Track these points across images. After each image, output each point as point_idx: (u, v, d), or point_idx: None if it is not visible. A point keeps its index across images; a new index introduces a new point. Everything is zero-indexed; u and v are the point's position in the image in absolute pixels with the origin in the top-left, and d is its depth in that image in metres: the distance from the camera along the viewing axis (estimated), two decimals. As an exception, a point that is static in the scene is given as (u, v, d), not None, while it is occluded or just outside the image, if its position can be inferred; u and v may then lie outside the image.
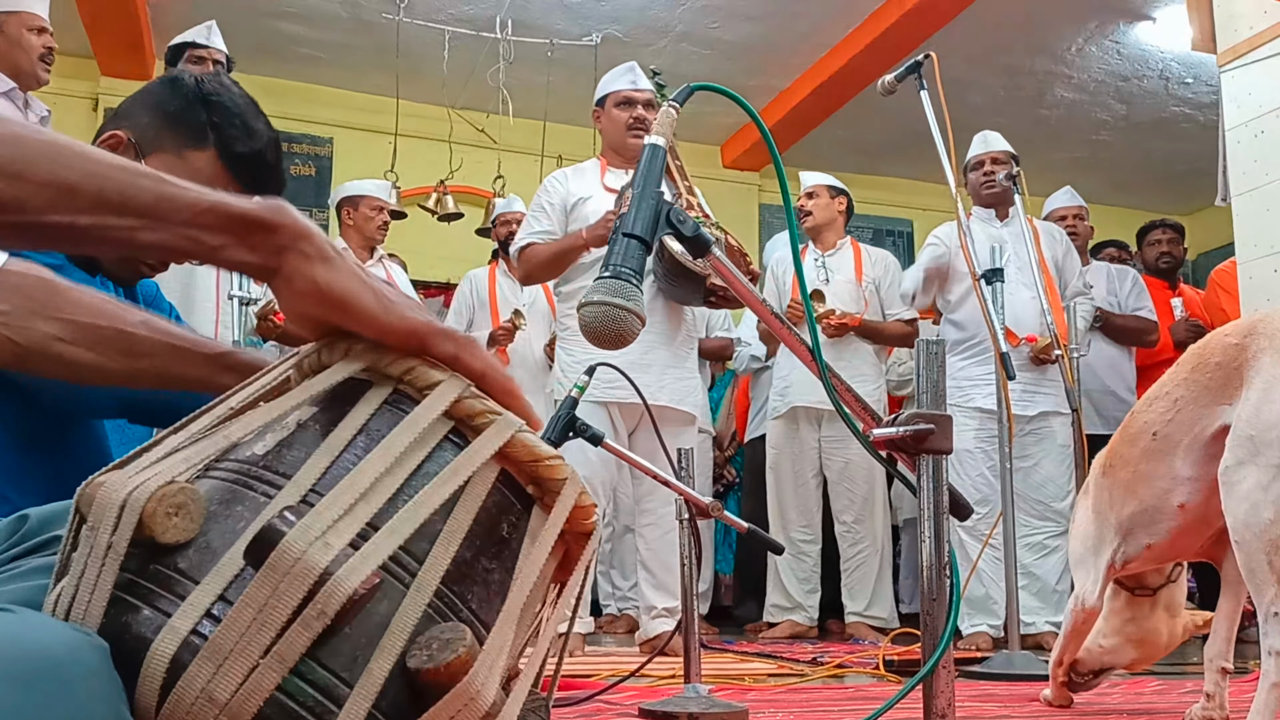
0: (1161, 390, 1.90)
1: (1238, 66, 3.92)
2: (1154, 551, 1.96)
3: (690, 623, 2.20)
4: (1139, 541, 1.96)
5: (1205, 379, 1.79)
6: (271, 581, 0.67)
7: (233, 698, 0.67)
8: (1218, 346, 1.79)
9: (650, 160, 1.22)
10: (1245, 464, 1.65)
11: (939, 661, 1.13)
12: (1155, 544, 1.94)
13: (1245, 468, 1.65)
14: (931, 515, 1.16)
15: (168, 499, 0.70)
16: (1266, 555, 1.61)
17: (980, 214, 4.57)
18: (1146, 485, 1.91)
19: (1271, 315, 1.75)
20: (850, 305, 4.85)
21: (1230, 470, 1.67)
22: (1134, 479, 1.94)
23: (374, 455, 0.75)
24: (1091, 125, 7.82)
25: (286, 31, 6.58)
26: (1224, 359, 1.76)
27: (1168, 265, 5.62)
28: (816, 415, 4.89)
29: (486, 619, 0.78)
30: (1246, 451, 1.65)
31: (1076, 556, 2.14)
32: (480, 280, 5.44)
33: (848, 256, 5.05)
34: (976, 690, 2.68)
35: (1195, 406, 1.81)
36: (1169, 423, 1.85)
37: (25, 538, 0.92)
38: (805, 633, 4.89)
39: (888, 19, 6.13)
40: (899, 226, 8.87)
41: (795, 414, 4.94)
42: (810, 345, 1.21)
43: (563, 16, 6.39)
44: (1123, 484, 1.97)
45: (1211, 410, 1.78)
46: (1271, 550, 1.61)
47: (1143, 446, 1.91)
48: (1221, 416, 1.76)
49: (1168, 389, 1.88)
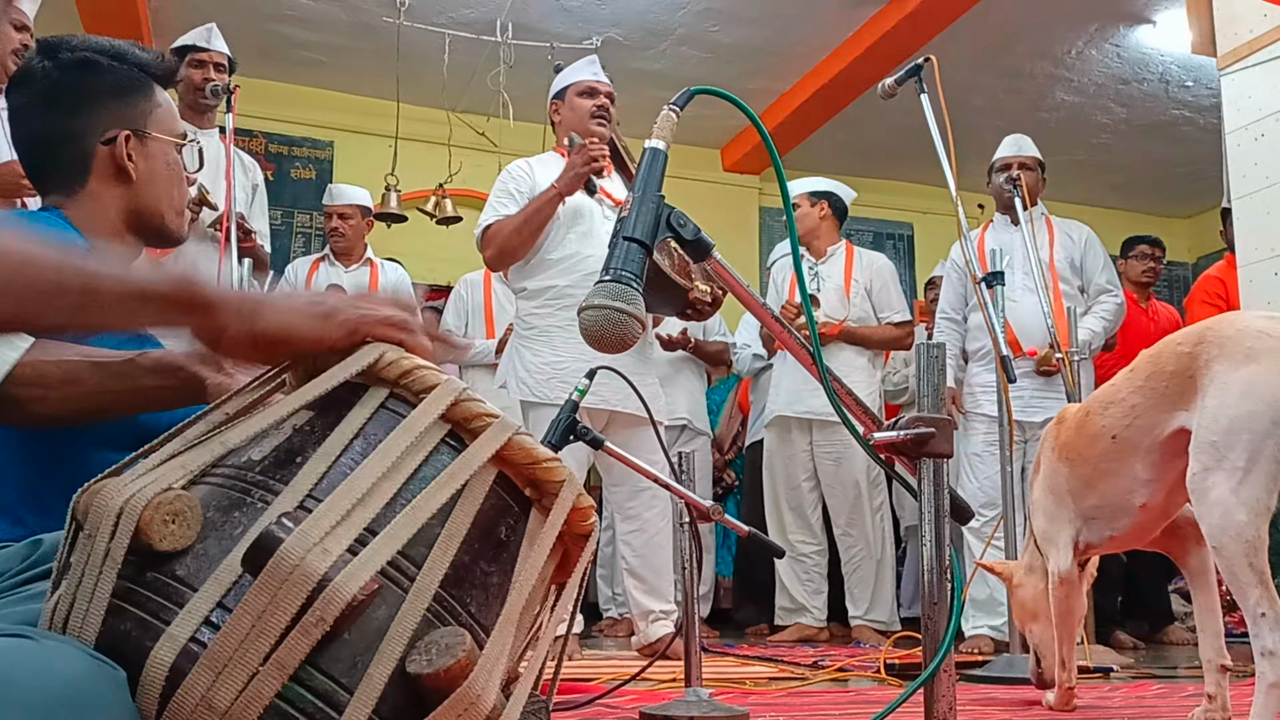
0: (1118, 395, 1.97)
1: (1238, 70, 3.92)
2: (1115, 541, 2.09)
3: (691, 626, 2.20)
4: (1101, 532, 2.07)
5: (1162, 386, 1.85)
6: (270, 588, 0.67)
7: (232, 705, 0.66)
8: (1171, 355, 1.84)
9: (651, 164, 1.22)
10: (1212, 470, 1.68)
11: (940, 666, 1.12)
12: (1117, 535, 2.06)
13: (1212, 474, 1.68)
14: (932, 519, 1.16)
15: (164, 506, 0.70)
16: (1246, 557, 1.63)
17: (998, 217, 4.58)
18: (1108, 484, 2.00)
19: (1219, 323, 1.80)
20: (839, 312, 4.86)
21: (1198, 478, 1.71)
22: (1095, 476, 2.02)
23: (371, 460, 0.75)
24: (1092, 128, 7.82)
25: (287, 35, 6.58)
26: (1178, 367, 1.82)
27: (1148, 280, 5.67)
28: (806, 424, 4.90)
29: (486, 623, 0.78)
30: (1211, 457, 1.69)
31: (1043, 533, 2.20)
32: (476, 285, 5.42)
33: (839, 263, 5.03)
34: (978, 694, 2.67)
35: (1153, 413, 1.88)
36: (1128, 427, 1.93)
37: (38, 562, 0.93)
38: (814, 635, 4.88)
39: (888, 22, 6.13)
40: (899, 230, 8.87)
41: (787, 423, 4.95)
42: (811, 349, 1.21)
43: (563, 20, 6.39)
44: (1083, 478, 2.06)
45: (1169, 416, 1.84)
46: (1250, 552, 1.63)
47: (1102, 448, 1.99)
48: (1178, 421, 1.82)
49: (1124, 395, 1.95)
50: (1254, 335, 1.71)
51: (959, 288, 4.58)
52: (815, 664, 3.33)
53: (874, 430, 1.20)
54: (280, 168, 7.23)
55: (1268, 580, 1.63)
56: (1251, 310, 1.90)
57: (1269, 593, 1.63)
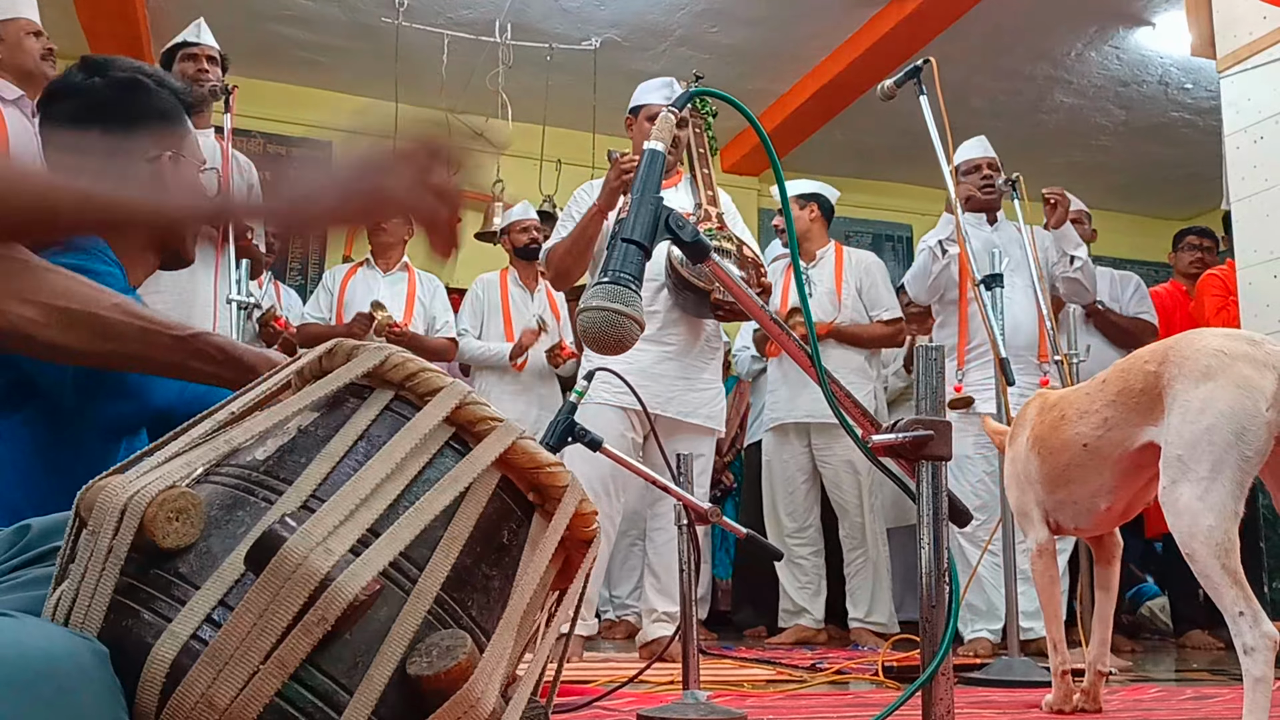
0: (1092, 406, 2.09)
1: (1237, 72, 3.92)
2: (1078, 531, 2.30)
3: (689, 628, 2.20)
4: (1066, 524, 2.25)
5: (1133, 402, 1.98)
6: (272, 587, 0.67)
7: (232, 703, 0.66)
8: (1139, 373, 1.97)
9: (649, 165, 1.22)
10: (1179, 482, 1.78)
11: (938, 668, 1.13)
12: (1080, 528, 2.26)
13: (1180, 485, 1.78)
14: (930, 521, 1.16)
15: (168, 504, 0.70)
16: (1218, 559, 1.71)
17: (970, 218, 4.54)
18: (1076, 486, 2.15)
19: (1180, 343, 1.91)
20: (831, 314, 4.86)
21: (1167, 491, 1.81)
22: (1063, 477, 2.17)
23: (375, 461, 0.75)
24: (1091, 130, 7.82)
25: (286, 35, 6.58)
26: (1145, 385, 1.94)
27: (1197, 271, 5.61)
28: (804, 427, 4.90)
29: (486, 626, 0.78)
30: (1177, 471, 1.79)
31: (1017, 505, 2.35)
32: (492, 287, 5.40)
33: (829, 264, 5.03)
34: (976, 697, 2.67)
35: (1124, 426, 2.01)
36: (1100, 438, 2.06)
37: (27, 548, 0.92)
38: (812, 638, 4.88)
39: (887, 24, 6.13)
40: (898, 231, 8.88)
41: (785, 427, 4.97)
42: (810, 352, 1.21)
43: (562, 21, 6.39)
44: (1051, 475, 2.20)
45: (1139, 430, 1.98)
46: (1221, 554, 1.71)
47: (1073, 454, 2.13)
48: (1147, 435, 1.96)
49: (1097, 406, 2.08)
50: (1210, 354, 1.83)
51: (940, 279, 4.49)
52: (813, 666, 3.33)
53: (872, 433, 1.20)
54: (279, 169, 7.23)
55: (1241, 580, 1.71)
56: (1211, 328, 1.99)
57: (1244, 591, 1.70)
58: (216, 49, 4.25)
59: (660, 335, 3.65)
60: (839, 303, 4.91)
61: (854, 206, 8.68)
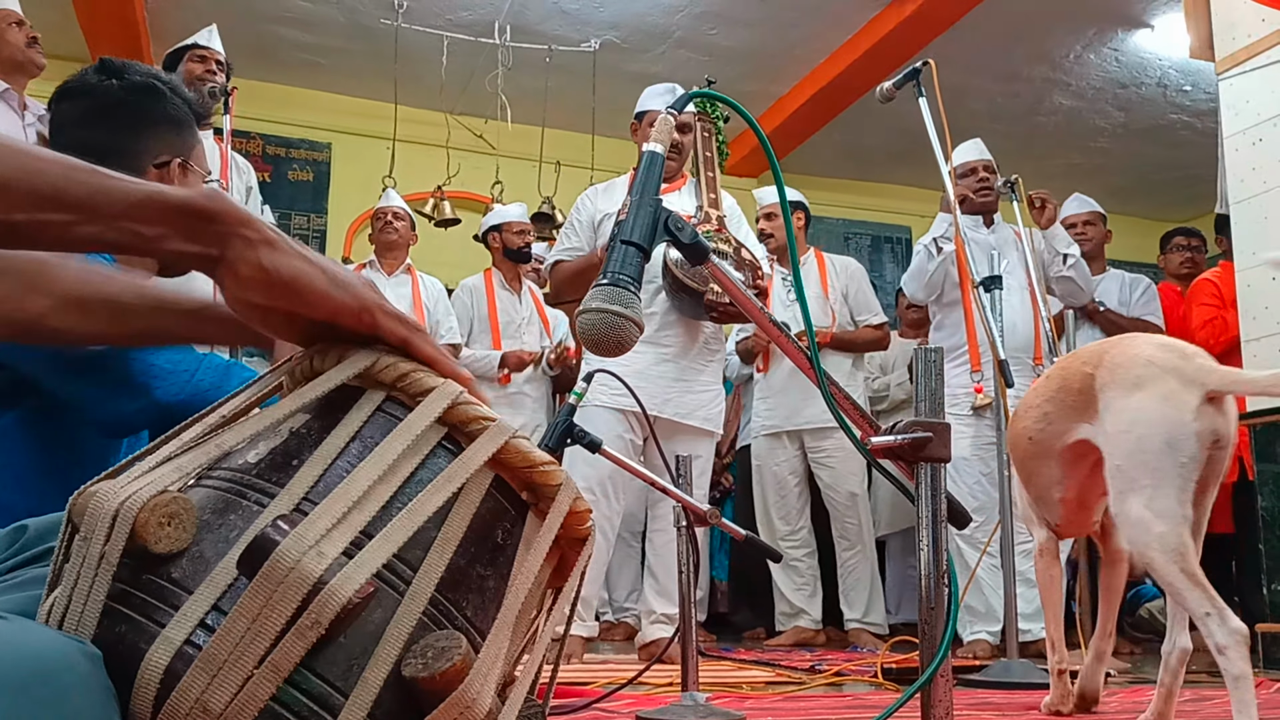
0: (1035, 401, 2.16)
1: (1236, 74, 3.92)
2: (1060, 529, 2.28)
3: (688, 630, 2.20)
4: (1051, 520, 2.27)
5: (1070, 400, 2.03)
6: (265, 591, 0.67)
7: (227, 708, 0.66)
8: (1076, 373, 2.01)
9: (648, 167, 1.22)
10: (1126, 493, 1.81)
11: (937, 670, 1.12)
12: (1058, 524, 2.26)
13: (1127, 497, 1.80)
14: (930, 523, 1.16)
15: (160, 508, 0.70)
16: (1175, 564, 1.73)
17: (966, 221, 4.53)
18: (1036, 479, 2.21)
19: (1115, 348, 1.94)
20: (819, 321, 4.87)
21: (1117, 504, 1.84)
22: (1025, 472, 2.25)
23: (367, 463, 0.74)
24: (1090, 132, 7.83)
25: (285, 37, 6.58)
26: (1081, 385, 1.98)
27: (1189, 271, 5.62)
28: (797, 434, 4.90)
29: (482, 626, 0.77)
30: (1123, 482, 1.82)
31: (1020, 506, 2.41)
32: (478, 290, 5.36)
33: (813, 272, 5.05)
34: (975, 699, 2.67)
35: (1061, 421, 2.06)
36: (1041, 431, 2.12)
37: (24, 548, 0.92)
38: (811, 639, 4.88)
39: (886, 26, 6.14)
40: (896, 233, 8.88)
41: (777, 432, 4.96)
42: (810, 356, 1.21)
43: (561, 22, 6.39)
44: (1019, 472, 2.28)
45: (1074, 425, 2.03)
46: (1178, 558, 1.73)
47: (1024, 448, 2.19)
48: (1081, 432, 2.01)
49: (1038, 401, 2.14)
50: (1142, 364, 1.85)
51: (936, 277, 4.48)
52: (812, 668, 3.33)
53: (871, 435, 1.20)
54: (278, 170, 7.23)
55: (1202, 581, 1.72)
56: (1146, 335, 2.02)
57: (1207, 593, 1.71)
58: (223, 56, 4.33)
59: (657, 337, 3.65)
60: (829, 309, 4.92)
61: (853, 208, 8.70)
